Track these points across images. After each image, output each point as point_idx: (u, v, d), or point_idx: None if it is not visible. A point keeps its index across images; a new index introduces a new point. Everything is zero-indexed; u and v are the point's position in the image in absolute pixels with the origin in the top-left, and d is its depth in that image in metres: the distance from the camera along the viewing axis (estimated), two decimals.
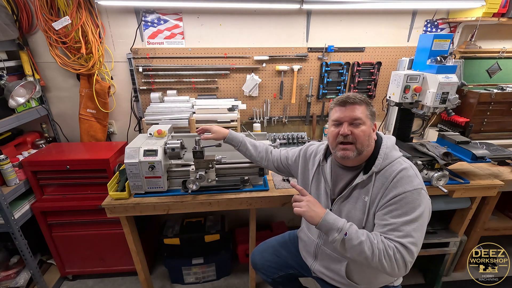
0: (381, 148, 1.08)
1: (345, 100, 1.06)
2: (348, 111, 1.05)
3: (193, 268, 2.01)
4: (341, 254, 1.12)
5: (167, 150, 1.47)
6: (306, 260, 1.32)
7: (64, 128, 2.13)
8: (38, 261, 2.01)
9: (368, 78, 2.20)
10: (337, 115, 1.07)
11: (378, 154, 1.07)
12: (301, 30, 2.05)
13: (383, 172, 1.04)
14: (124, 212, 1.51)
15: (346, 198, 1.11)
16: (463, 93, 2.11)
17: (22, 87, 1.69)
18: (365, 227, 1.05)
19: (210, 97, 2.13)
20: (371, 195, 1.04)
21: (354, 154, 1.04)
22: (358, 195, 1.07)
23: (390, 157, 1.06)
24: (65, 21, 1.72)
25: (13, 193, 1.64)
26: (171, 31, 1.96)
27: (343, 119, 1.05)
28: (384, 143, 1.09)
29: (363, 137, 1.03)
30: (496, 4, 1.84)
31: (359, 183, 1.07)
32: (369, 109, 1.07)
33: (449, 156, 1.50)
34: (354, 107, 1.04)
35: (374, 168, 1.05)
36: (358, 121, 1.04)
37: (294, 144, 2.19)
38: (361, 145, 1.04)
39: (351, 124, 1.04)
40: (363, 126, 1.04)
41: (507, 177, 1.70)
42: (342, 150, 1.06)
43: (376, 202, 1.03)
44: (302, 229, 1.34)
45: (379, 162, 1.05)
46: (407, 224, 0.95)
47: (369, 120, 1.06)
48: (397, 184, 0.99)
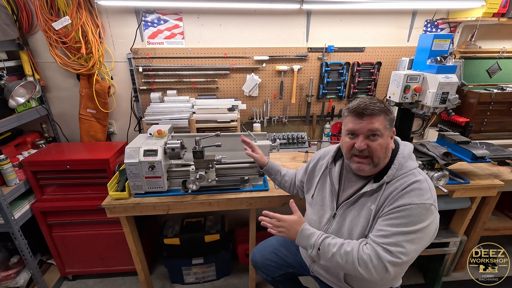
0: (396, 158, 1.01)
1: (362, 112, 0.96)
2: (365, 123, 0.96)
3: (193, 268, 2.01)
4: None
5: (167, 150, 1.47)
6: (306, 260, 1.32)
7: (64, 128, 2.13)
8: (38, 261, 2.01)
9: (368, 78, 2.20)
10: (352, 126, 0.99)
11: (392, 164, 1.01)
12: (301, 30, 2.05)
13: (394, 182, 0.99)
14: (124, 212, 1.51)
15: (352, 204, 1.07)
16: (463, 93, 2.11)
17: (22, 87, 1.69)
18: (367, 235, 1.02)
19: (210, 97, 2.13)
20: (378, 204, 1.00)
21: (370, 168, 1.00)
22: (365, 203, 1.03)
23: (404, 167, 1.01)
24: (65, 21, 1.72)
25: (13, 193, 1.64)
26: (171, 31, 1.96)
27: (359, 132, 0.98)
28: (400, 151, 1.03)
29: (380, 150, 0.97)
30: (496, 4, 1.84)
31: (367, 191, 1.03)
32: (388, 118, 0.98)
33: (449, 156, 1.50)
34: (372, 119, 0.96)
35: (385, 178, 0.99)
36: (376, 133, 0.96)
37: (294, 144, 2.19)
38: (378, 158, 0.98)
39: (367, 137, 0.97)
40: (381, 139, 0.97)
41: (507, 177, 1.70)
42: (358, 163, 1.01)
43: (381, 210, 1.00)
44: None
45: (392, 173, 0.99)
46: (402, 235, 0.91)
47: (387, 130, 0.98)
48: (405, 195, 0.94)
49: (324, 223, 1.15)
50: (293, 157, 2.03)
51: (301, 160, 1.97)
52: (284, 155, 2.06)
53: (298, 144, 2.20)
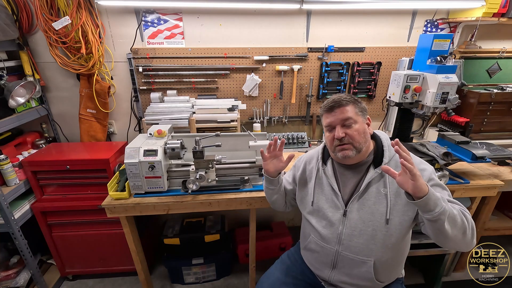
0: (383, 141, 1.11)
1: (331, 106, 1.07)
2: (337, 114, 1.06)
3: (193, 268, 2.01)
4: (366, 256, 1.08)
5: (167, 150, 1.47)
6: (321, 272, 1.21)
7: (64, 128, 2.13)
8: (38, 261, 2.01)
9: (368, 78, 2.20)
10: (328, 120, 1.08)
11: (383, 146, 1.09)
12: (301, 30, 2.05)
13: (393, 162, 1.07)
14: (124, 212, 1.51)
15: (361, 196, 1.09)
16: (463, 93, 2.11)
17: (22, 87, 1.68)
18: (389, 218, 1.04)
19: (210, 97, 2.13)
20: (389, 186, 1.05)
21: (354, 153, 1.05)
22: (375, 190, 1.07)
23: (392, 147, 1.06)
24: (65, 21, 1.72)
25: (13, 193, 1.64)
26: (171, 31, 1.96)
27: (334, 123, 1.07)
28: (382, 137, 1.13)
29: (358, 135, 1.05)
30: (496, 4, 1.84)
31: (374, 178, 1.07)
32: (358, 107, 1.08)
33: (449, 156, 1.50)
34: (342, 109, 1.05)
35: (385, 159, 1.07)
36: (350, 121, 1.05)
37: (294, 144, 2.19)
38: (358, 143, 1.05)
39: (343, 126, 1.06)
40: (356, 125, 1.05)
41: (507, 177, 1.70)
42: (341, 150, 1.06)
43: (397, 190, 1.04)
44: (311, 240, 1.21)
45: (388, 154, 1.07)
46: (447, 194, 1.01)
47: (360, 117, 1.07)
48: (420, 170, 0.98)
49: (337, 225, 1.12)
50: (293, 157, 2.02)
51: None
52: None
53: (298, 144, 2.20)
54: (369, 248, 1.08)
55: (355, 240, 1.09)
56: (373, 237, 1.07)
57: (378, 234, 1.06)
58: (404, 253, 1.18)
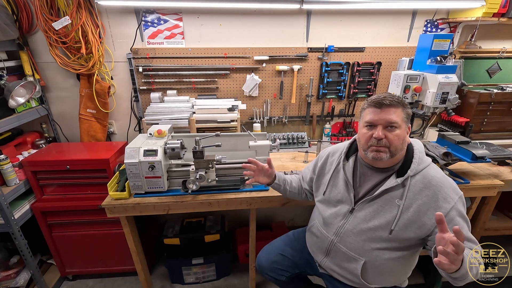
0: (415, 152, 1.06)
1: (381, 102, 1.01)
2: (384, 114, 1.00)
3: (193, 268, 2.01)
4: (358, 254, 1.10)
5: (167, 150, 1.47)
6: (316, 255, 1.29)
7: (64, 128, 2.13)
8: (38, 261, 2.01)
9: (368, 78, 2.20)
10: (371, 117, 1.03)
11: (413, 158, 1.04)
12: (301, 30, 2.05)
13: (420, 178, 1.03)
14: (124, 212, 1.51)
15: (374, 199, 1.08)
16: (463, 93, 2.11)
17: (22, 87, 1.68)
18: (393, 229, 1.03)
19: (210, 97, 2.13)
20: (406, 199, 1.02)
21: (387, 156, 1.02)
22: (390, 198, 1.05)
23: (423, 161, 1.05)
24: (65, 21, 1.72)
25: (13, 193, 1.64)
26: (171, 31, 1.96)
27: (377, 122, 1.01)
28: (416, 147, 1.08)
29: (398, 141, 1.00)
30: (496, 4, 1.84)
31: (392, 186, 1.04)
32: (405, 112, 1.03)
33: (449, 156, 1.50)
34: (390, 110, 1.00)
35: (409, 172, 1.02)
36: (394, 124, 1.00)
37: (294, 144, 2.19)
38: (395, 149, 1.01)
39: (385, 128, 1.01)
40: (398, 130, 1.00)
41: (507, 177, 1.70)
42: (375, 151, 1.02)
43: (413, 207, 1.01)
44: (315, 224, 1.29)
45: (415, 166, 1.03)
46: (469, 232, 1.01)
47: (404, 123, 1.02)
48: (446, 196, 0.99)
49: (340, 219, 1.15)
50: (293, 157, 2.03)
51: (301, 160, 1.97)
52: (284, 155, 2.06)
53: (298, 144, 2.21)
54: (363, 248, 1.09)
55: (352, 237, 1.11)
56: (371, 240, 1.08)
57: (378, 240, 1.07)
58: (407, 265, 1.17)
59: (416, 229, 1.02)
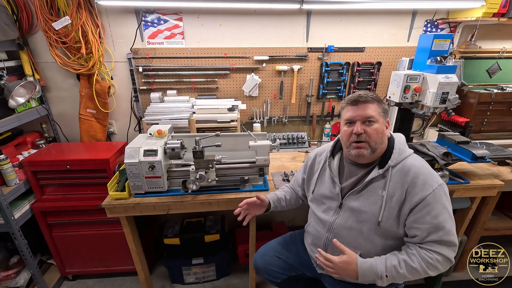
0: (395, 144, 1.10)
1: (356, 99, 1.06)
2: (360, 110, 1.05)
3: (193, 268, 2.01)
4: (354, 247, 1.12)
5: (167, 150, 1.47)
6: (314, 253, 1.28)
7: (64, 128, 2.13)
8: (38, 261, 2.01)
9: (368, 78, 2.20)
10: (349, 114, 1.08)
11: (393, 149, 1.09)
12: (301, 30, 2.05)
13: (400, 167, 1.06)
14: (124, 212, 1.51)
15: (359, 191, 1.11)
16: (463, 93, 2.11)
17: (22, 87, 1.69)
18: (381, 221, 1.06)
19: (210, 97, 2.13)
20: (388, 189, 1.05)
21: (368, 152, 1.06)
22: (374, 189, 1.08)
23: (404, 152, 1.09)
24: (65, 21, 1.72)
25: (13, 193, 1.64)
26: (171, 31, 1.96)
27: (355, 118, 1.06)
28: (396, 139, 1.12)
29: (376, 135, 1.04)
30: (496, 4, 1.84)
31: (375, 177, 1.08)
32: (381, 107, 1.08)
33: (449, 156, 1.50)
34: (366, 106, 1.05)
35: (390, 162, 1.06)
36: (371, 119, 1.05)
37: (294, 144, 2.19)
38: (374, 143, 1.05)
39: (364, 123, 1.05)
40: (376, 124, 1.05)
41: (507, 177, 1.70)
42: (356, 148, 1.07)
43: (396, 197, 1.04)
44: (311, 223, 1.32)
45: (395, 157, 1.07)
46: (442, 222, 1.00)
47: (381, 117, 1.07)
48: (426, 184, 1.01)
49: (331, 215, 1.18)
50: (293, 157, 2.03)
51: (301, 160, 1.97)
52: (284, 155, 2.06)
53: (298, 144, 2.21)
54: (357, 241, 1.13)
55: (345, 232, 1.15)
56: (362, 233, 1.11)
57: (368, 231, 1.10)
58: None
59: (400, 218, 1.06)
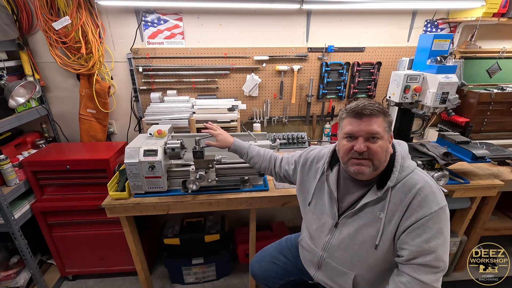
0: (396, 159, 0.97)
1: (360, 112, 0.92)
2: (364, 125, 0.92)
3: (193, 268, 2.01)
4: (348, 269, 1.06)
5: (167, 150, 1.47)
6: (308, 268, 1.24)
7: (64, 128, 2.13)
8: (38, 261, 2.01)
9: (368, 78, 2.20)
10: (351, 128, 0.94)
11: (394, 167, 0.96)
12: (301, 30, 2.05)
13: (400, 187, 0.95)
14: (124, 212, 1.51)
15: (356, 213, 1.02)
16: (463, 93, 2.11)
17: (22, 87, 1.68)
18: (378, 244, 0.97)
19: (210, 97, 2.13)
20: (387, 212, 0.95)
21: (370, 170, 0.94)
22: (371, 211, 0.98)
23: (405, 169, 0.97)
24: (65, 21, 1.72)
25: (13, 193, 1.64)
26: (171, 31, 1.96)
27: (358, 134, 0.93)
28: (398, 152, 0.99)
29: (381, 153, 0.92)
30: (496, 4, 1.84)
31: (373, 199, 0.97)
32: (386, 120, 0.94)
33: (449, 156, 1.50)
34: (371, 120, 0.91)
35: (389, 183, 0.95)
36: (376, 135, 0.91)
37: (294, 144, 2.19)
38: (378, 161, 0.93)
39: (367, 139, 0.93)
40: (381, 141, 0.92)
41: (507, 177, 1.70)
42: (357, 165, 0.94)
43: (394, 219, 0.94)
44: (303, 238, 1.25)
45: (395, 176, 0.95)
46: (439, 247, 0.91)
47: (386, 133, 0.94)
48: (423, 205, 0.90)
49: (326, 233, 1.10)
50: None
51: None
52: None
53: (298, 144, 2.20)
54: (352, 263, 1.05)
55: (340, 253, 1.07)
56: (358, 255, 1.03)
57: (364, 254, 1.02)
58: None
59: (395, 238, 0.97)
